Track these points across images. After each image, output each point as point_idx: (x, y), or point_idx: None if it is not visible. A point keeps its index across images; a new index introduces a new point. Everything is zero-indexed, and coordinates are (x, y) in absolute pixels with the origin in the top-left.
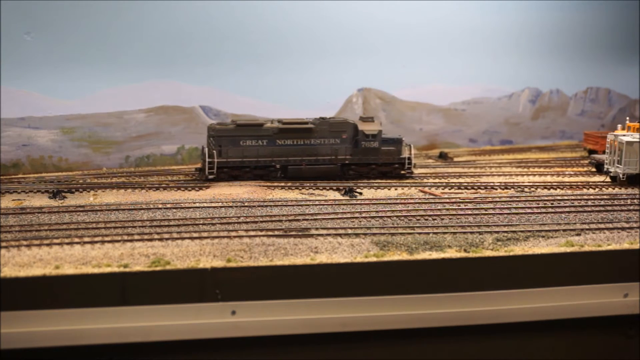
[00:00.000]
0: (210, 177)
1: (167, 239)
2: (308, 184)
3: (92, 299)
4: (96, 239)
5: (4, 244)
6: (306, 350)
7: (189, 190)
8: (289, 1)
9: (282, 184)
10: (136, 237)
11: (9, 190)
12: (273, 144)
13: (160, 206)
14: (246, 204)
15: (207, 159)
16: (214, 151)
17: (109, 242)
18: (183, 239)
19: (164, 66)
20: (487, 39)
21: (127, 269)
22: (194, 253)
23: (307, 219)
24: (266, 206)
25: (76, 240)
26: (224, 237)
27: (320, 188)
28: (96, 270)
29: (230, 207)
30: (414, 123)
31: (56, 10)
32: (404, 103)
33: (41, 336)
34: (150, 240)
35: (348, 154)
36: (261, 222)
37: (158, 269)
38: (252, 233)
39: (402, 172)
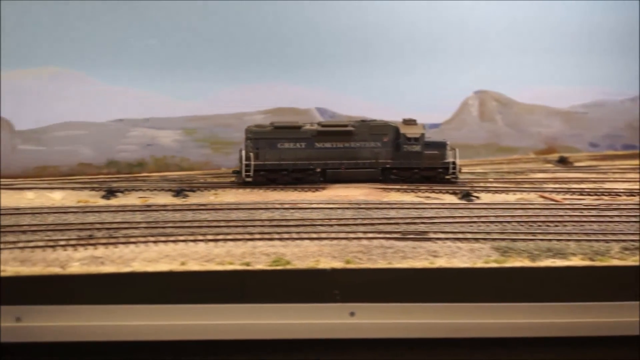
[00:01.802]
0: (247, 179)
1: (286, 238)
2: (424, 187)
3: (216, 295)
4: (219, 237)
5: (132, 239)
6: (425, 354)
7: (306, 191)
8: (406, 2)
9: (398, 187)
10: (257, 236)
11: (135, 188)
12: (311, 147)
13: (278, 206)
14: (362, 206)
15: (244, 162)
16: (251, 154)
17: (231, 240)
18: (302, 239)
19: (281, 67)
20: (607, 39)
21: (249, 267)
22: (313, 253)
23: (424, 222)
24: (383, 208)
25: (200, 237)
26: (342, 238)
27: (437, 191)
28: (220, 268)
29: (347, 208)
30: (531, 126)
31: (179, 13)
32: (521, 106)
33: (171, 329)
34: (271, 239)
35: (389, 158)
36: (378, 224)
37: (279, 268)
38: (370, 235)
39: (447, 177)
